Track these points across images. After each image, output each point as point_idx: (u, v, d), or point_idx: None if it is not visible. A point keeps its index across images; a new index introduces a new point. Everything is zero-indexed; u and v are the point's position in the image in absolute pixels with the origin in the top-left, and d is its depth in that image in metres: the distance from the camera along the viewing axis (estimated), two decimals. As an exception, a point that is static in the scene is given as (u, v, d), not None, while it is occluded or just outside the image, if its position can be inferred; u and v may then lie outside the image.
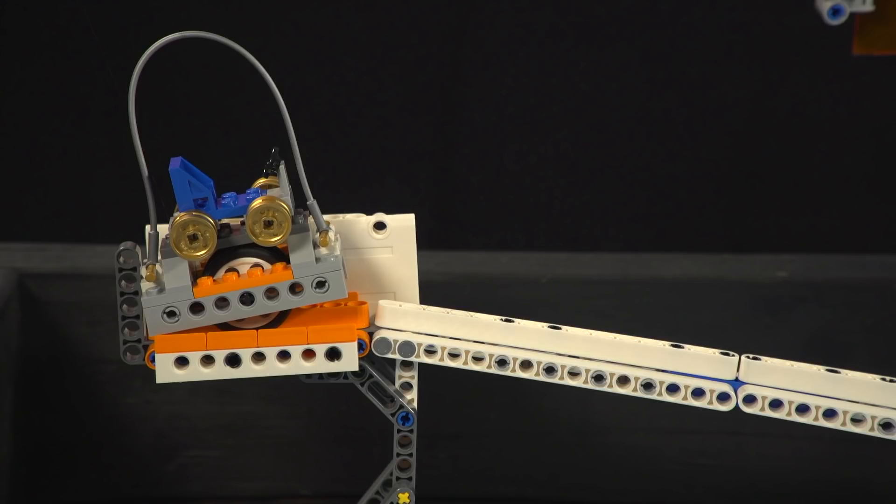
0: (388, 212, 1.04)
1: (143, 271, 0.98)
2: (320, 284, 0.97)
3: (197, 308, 0.98)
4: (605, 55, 1.81)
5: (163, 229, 0.98)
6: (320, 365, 1.00)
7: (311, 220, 0.99)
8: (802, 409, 1.01)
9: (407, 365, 1.02)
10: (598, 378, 1.01)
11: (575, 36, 1.81)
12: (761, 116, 1.83)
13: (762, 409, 1.01)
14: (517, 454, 1.41)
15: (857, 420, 1.01)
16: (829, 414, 1.01)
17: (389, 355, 1.01)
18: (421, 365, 1.02)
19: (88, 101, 1.79)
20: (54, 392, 1.38)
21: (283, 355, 1.00)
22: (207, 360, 0.99)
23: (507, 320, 1.02)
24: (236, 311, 0.98)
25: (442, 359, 1.02)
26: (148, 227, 0.98)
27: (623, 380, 1.01)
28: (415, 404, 1.02)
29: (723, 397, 1.01)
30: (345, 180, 1.82)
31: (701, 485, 1.41)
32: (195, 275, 0.98)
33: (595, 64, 1.82)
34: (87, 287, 1.36)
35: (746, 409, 1.01)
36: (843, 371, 1.02)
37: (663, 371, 1.02)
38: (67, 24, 1.77)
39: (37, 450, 1.39)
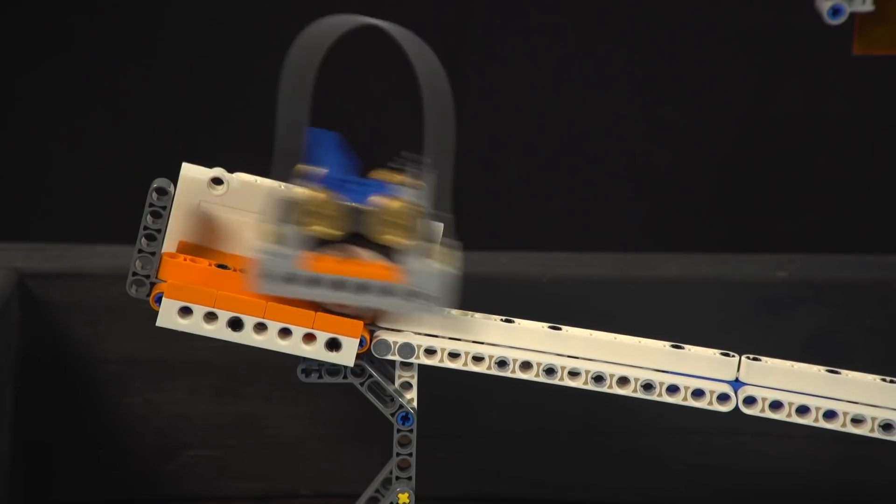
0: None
1: (267, 228, 0.98)
2: (418, 295, 0.97)
3: (305, 280, 0.98)
4: (606, 55, 1.81)
5: (193, 169, 0.98)
6: (318, 352, 1.00)
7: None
8: (802, 410, 1.01)
9: (407, 365, 1.02)
10: (598, 379, 1.01)
11: (575, 36, 1.81)
12: (761, 116, 1.83)
13: (762, 410, 1.01)
14: (517, 454, 1.41)
15: (857, 421, 1.01)
16: (830, 415, 1.01)
17: (389, 357, 1.01)
18: (421, 365, 1.02)
19: (88, 101, 1.79)
20: (54, 392, 1.38)
21: (285, 332, 1.00)
22: (211, 317, 0.99)
23: (507, 320, 1.02)
24: (324, 294, 0.98)
25: (442, 360, 1.02)
26: (282, 185, 0.99)
27: (623, 380, 1.01)
28: (414, 404, 1.02)
29: (723, 398, 1.01)
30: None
31: (701, 485, 1.41)
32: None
33: (595, 64, 1.81)
34: (87, 287, 1.36)
35: (746, 411, 1.01)
36: (844, 372, 1.02)
37: (663, 371, 1.02)
38: (68, 24, 1.77)
39: (37, 449, 1.39)
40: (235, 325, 1.00)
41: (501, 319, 1.03)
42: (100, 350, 1.37)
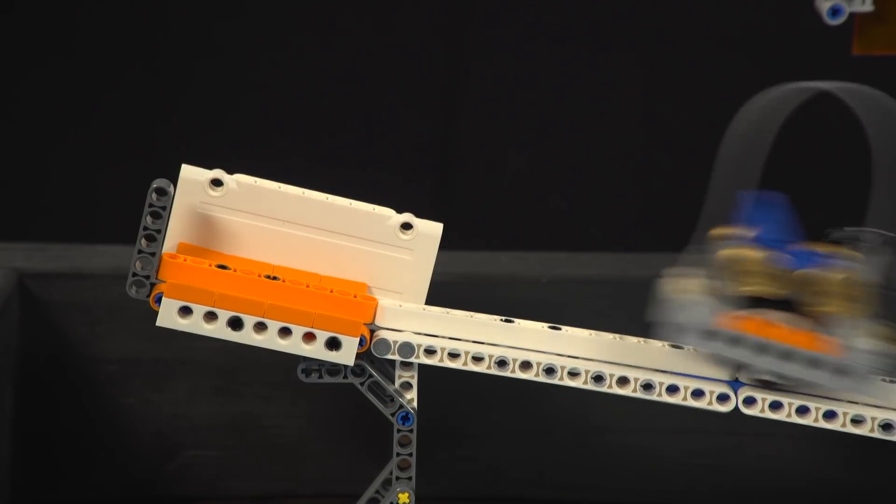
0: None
1: (694, 282, 0.97)
2: (849, 372, 0.94)
3: (727, 338, 0.96)
4: (606, 55, 1.81)
5: (193, 171, 0.98)
6: (318, 351, 1.00)
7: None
8: (802, 410, 1.01)
9: (407, 365, 1.02)
10: (598, 379, 1.01)
11: (576, 36, 1.81)
12: (761, 116, 1.83)
13: (762, 410, 1.01)
14: (517, 454, 1.41)
15: (856, 421, 1.01)
16: (829, 415, 1.01)
17: (389, 356, 1.01)
18: (421, 365, 1.02)
19: (89, 101, 1.79)
20: (54, 392, 1.38)
21: (285, 332, 1.00)
22: (211, 317, 0.99)
23: (506, 320, 1.02)
24: (744, 354, 0.96)
25: (441, 359, 1.02)
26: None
27: (623, 380, 1.01)
28: (414, 404, 1.02)
29: (722, 398, 1.01)
30: (345, 180, 1.82)
31: (701, 485, 1.41)
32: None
33: (596, 64, 1.81)
34: (87, 287, 1.36)
35: (746, 411, 1.01)
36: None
37: (663, 372, 1.02)
38: (68, 24, 1.77)
39: (37, 450, 1.39)
40: (235, 324, 1.00)
41: (501, 319, 1.02)
42: (99, 350, 1.37)
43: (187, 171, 1.01)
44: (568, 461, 1.41)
